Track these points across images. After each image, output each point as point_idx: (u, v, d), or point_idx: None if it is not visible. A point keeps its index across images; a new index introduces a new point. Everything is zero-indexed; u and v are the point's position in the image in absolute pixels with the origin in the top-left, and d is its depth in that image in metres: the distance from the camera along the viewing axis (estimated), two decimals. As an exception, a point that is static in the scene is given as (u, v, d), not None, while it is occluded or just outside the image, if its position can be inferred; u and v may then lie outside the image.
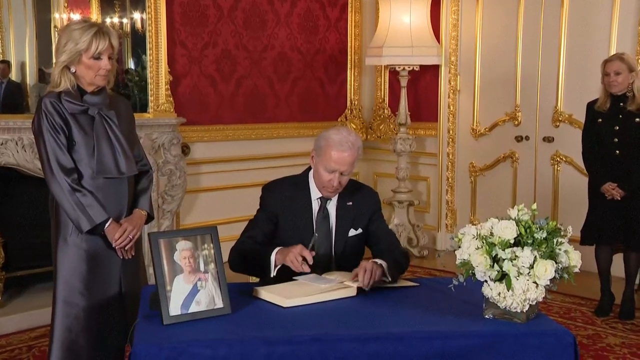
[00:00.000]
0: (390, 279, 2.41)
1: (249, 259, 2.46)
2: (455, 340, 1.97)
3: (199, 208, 5.22)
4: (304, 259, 2.35)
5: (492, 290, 2.03)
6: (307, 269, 2.32)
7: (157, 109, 4.73)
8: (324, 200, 2.62)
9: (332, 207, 2.63)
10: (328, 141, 2.51)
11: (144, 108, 4.70)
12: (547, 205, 5.22)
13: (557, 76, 5.19)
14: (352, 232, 2.63)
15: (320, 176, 2.55)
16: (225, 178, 5.36)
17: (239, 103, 5.45)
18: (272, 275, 2.39)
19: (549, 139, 5.26)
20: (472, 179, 5.80)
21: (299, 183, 2.65)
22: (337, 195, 2.63)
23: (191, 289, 2.08)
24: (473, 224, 2.11)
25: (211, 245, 2.15)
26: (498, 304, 2.04)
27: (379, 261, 2.42)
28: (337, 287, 2.35)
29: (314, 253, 2.38)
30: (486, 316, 2.09)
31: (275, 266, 2.39)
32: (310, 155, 2.61)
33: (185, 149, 5.05)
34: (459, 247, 2.08)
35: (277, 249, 2.40)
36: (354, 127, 6.22)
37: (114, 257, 2.54)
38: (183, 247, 2.10)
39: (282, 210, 2.59)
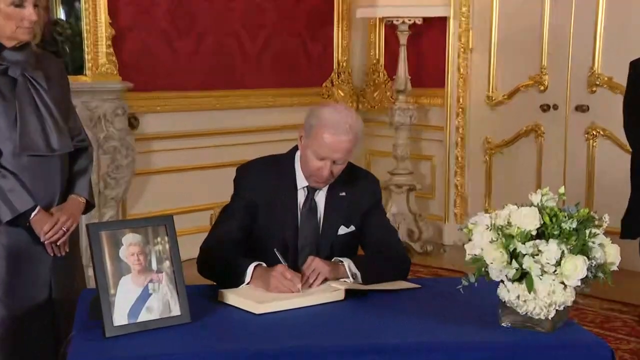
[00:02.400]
0: (352, 280, 2.45)
1: (220, 269, 2.47)
2: (464, 353, 1.99)
3: (151, 194, 5.22)
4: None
5: (510, 293, 2.06)
6: (299, 286, 2.34)
7: (97, 71, 4.70)
8: (311, 190, 2.64)
9: (321, 198, 2.65)
10: (321, 121, 2.51)
11: (79, 70, 4.65)
12: (579, 189, 5.27)
13: (594, 30, 5.20)
14: (342, 230, 2.65)
15: (309, 163, 2.56)
16: (184, 157, 5.36)
17: (200, 65, 5.43)
18: (243, 286, 2.41)
19: (582, 108, 5.31)
20: (486, 158, 5.84)
21: (282, 166, 2.66)
22: (327, 185, 2.64)
23: (141, 293, 2.09)
24: (487, 213, 2.13)
25: (166, 238, 2.15)
26: (517, 310, 2.07)
27: (342, 260, 2.48)
28: (320, 290, 2.37)
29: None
30: (503, 324, 2.12)
31: (248, 282, 2.40)
32: (299, 134, 2.61)
33: (133, 122, 5.03)
34: (469, 240, 2.10)
35: (253, 264, 2.41)
36: (342, 94, 6.23)
37: (43, 255, 2.53)
38: (131, 241, 2.10)
39: (261, 198, 2.61)
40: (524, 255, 2.01)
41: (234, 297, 2.29)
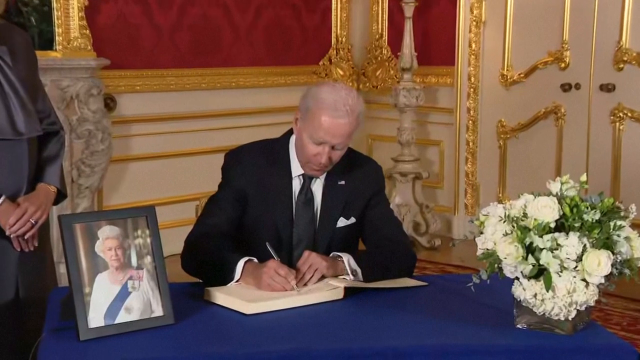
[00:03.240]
0: (352, 277, 2.46)
1: (206, 265, 2.49)
2: (476, 358, 2.01)
3: (130, 183, 5.23)
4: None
5: (526, 291, 2.06)
6: (293, 285, 2.35)
7: (68, 45, 4.68)
8: (307, 179, 2.65)
9: (317, 187, 2.66)
10: (318, 102, 2.52)
11: (48, 44, 4.62)
12: (604, 176, 5.28)
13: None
14: (341, 222, 2.66)
15: (305, 148, 2.56)
16: (166, 142, 5.36)
17: (183, 39, 5.42)
18: (232, 284, 2.42)
19: (608, 87, 5.31)
20: (501, 142, 5.85)
21: (275, 151, 2.67)
22: (325, 173, 2.66)
23: (119, 292, 2.09)
24: (501, 203, 2.14)
25: (147, 231, 2.15)
26: (534, 310, 2.08)
27: (341, 255, 2.50)
28: (316, 288, 2.38)
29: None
30: (518, 326, 2.13)
31: (238, 280, 2.42)
32: (294, 117, 2.62)
33: (109, 103, 5.02)
34: (481, 233, 2.11)
35: (243, 260, 2.42)
36: (341, 73, 6.23)
37: (9, 250, 2.52)
38: (108, 234, 2.10)
39: (251, 188, 2.62)
40: (542, 249, 2.02)
41: (222, 296, 2.30)
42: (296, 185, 2.65)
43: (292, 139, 2.67)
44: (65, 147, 2.74)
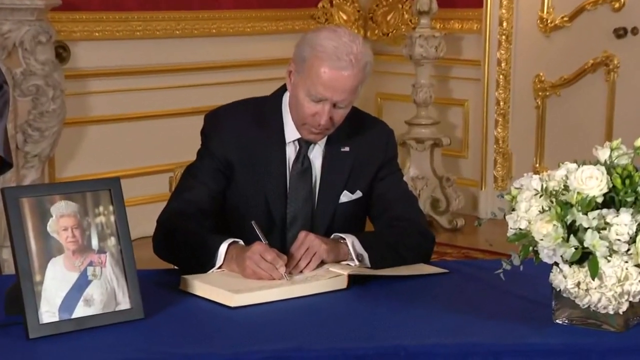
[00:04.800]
0: (358, 263, 2.48)
1: (183, 248, 2.51)
2: (505, 359, 2.01)
3: (88, 151, 5.24)
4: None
5: (567, 280, 2.07)
6: (282, 271, 2.36)
7: (9, -20, 4.66)
8: (304, 145, 2.66)
9: (316, 154, 2.68)
10: (316, 50, 2.51)
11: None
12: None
13: None
14: (345, 197, 2.68)
15: (301, 107, 2.57)
16: (132, 101, 5.36)
17: (152, -26, 5.41)
18: (214, 270, 2.45)
19: (671, 34, 5.32)
20: (538, 102, 5.85)
21: (265, 112, 2.69)
22: (325, 137, 2.67)
23: (77, 281, 2.09)
24: (537, 174, 2.15)
25: (110, 208, 2.16)
26: (577, 301, 2.08)
27: (344, 236, 2.51)
28: (314, 276, 2.40)
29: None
30: (557, 321, 2.14)
31: (221, 266, 2.44)
32: (287, 70, 2.62)
33: (61, 52, 5.01)
34: (512, 209, 2.11)
35: (227, 242, 2.44)
36: (344, 17, 6.21)
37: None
38: (63, 211, 2.10)
39: (237, 156, 2.63)
40: (586, 229, 2.02)
41: (201, 286, 2.32)
42: (290, 152, 2.66)
43: (285, 97, 2.67)
44: (9, 106, 2.73)
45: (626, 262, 2.03)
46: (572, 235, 2.03)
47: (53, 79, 4.79)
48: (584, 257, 2.04)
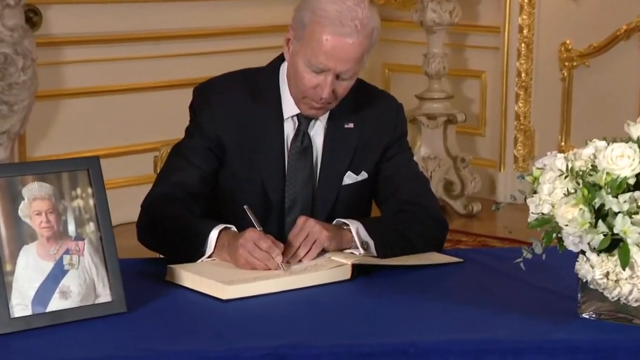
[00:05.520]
0: (363, 251, 2.48)
1: (170, 235, 2.51)
2: (527, 357, 2.01)
3: (63, 127, 5.24)
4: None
5: (595, 270, 2.07)
6: (278, 261, 2.36)
7: None
8: (304, 121, 2.65)
9: (317, 131, 2.68)
10: (318, 15, 2.51)
11: None
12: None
13: None
14: (349, 179, 2.68)
15: (301, 79, 2.56)
16: (112, 72, 5.36)
17: None
18: (204, 259, 2.45)
19: None
20: (564, 73, 5.83)
21: (261, 85, 2.68)
22: (327, 112, 2.66)
23: (52, 270, 2.09)
24: (562, 153, 2.14)
25: (89, 190, 2.15)
26: (605, 294, 2.08)
27: (348, 222, 2.50)
28: (315, 266, 2.40)
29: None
30: (584, 315, 2.14)
31: (211, 254, 2.45)
32: (285, 38, 2.62)
33: (32, 17, 4.98)
34: (534, 192, 2.11)
35: (218, 228, 2.44)
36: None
37: None
38: (36, 193, 2.10)
39: (230, 133, 2.63)
40: (617, 214, 2.01)
41: (190, 276, 2.32)
42: (289, 129, 2.66)
43: (283, 67, 2.67)
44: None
45: (660, 250, 2.04)
46: (600, 221, 2.02)
47: (23, 46, 4.77)
48: (614, 245, 2.03)
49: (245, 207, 2.46)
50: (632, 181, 2.04)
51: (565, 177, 2.07)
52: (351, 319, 2.16)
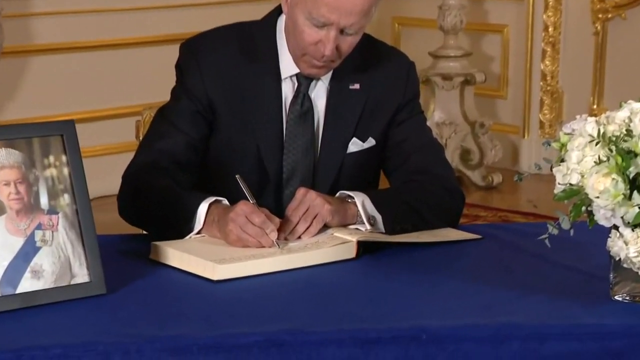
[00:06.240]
0: (369, 227, 2.48)
1: (155, 209, 2.52)
2: (553, 343, 2.01)
3: (33, 88, 5.24)
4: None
5: (629, 247, 2.06)
6: (273, 237, 2.36)
7: None
8: (304, 81, 2.66)
9: (319, 93, 2.69)
10: None
11: None
12: None
13: None
14: (354, 146, 2.70)
15: (301, 34, 2.56)
16: (88, 26, 5.35)
17: None
18: (192, 236, 2.46)
19: None
20: (597, 26, 5.81)
21: (255, 41, 2.69)
22: (330, 72, 2.66)
23: (22, 247, 2.09)
24: (594, 116, 2.14)
25: (63, 158, 2.15)
26: (640, 274, 2.09)
27: (352, 194, 2.51)
28: (315, 243, 2.41)
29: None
30: (616, 297, 2.14)
31: (200, 230, 2.46)
32: None
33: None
34: (561, 160, 2.11)
35: (208, 201, 2.45)
36: None
37: None
38: (3, 161, 2.10)
39: (221, 95, 2.64)
40: (653, 184, 2.02)
41: (177, 255, 2.33)
42: (287, 90, 2.66)
43: (281, 21, 2.67)
44: None
45: (703, 226, 2.04)
46: (635, 192, 2.02)
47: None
48: (650, 219, 2.04)
49: (237, 176, 2.46)
50: (671, 148, 2.04)
51: (597, 143, 2.05)
52: (356, 302, 2.17)
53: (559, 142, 2.13)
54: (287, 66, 2.65)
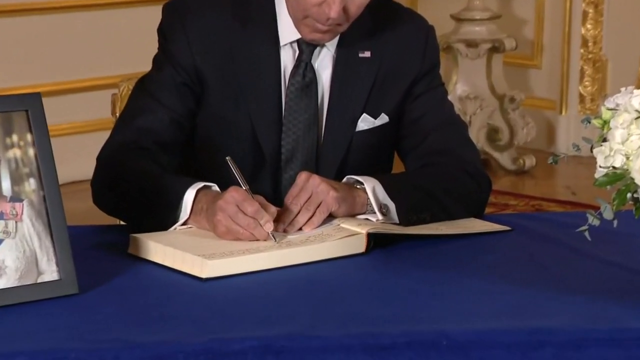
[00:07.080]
0: (381, 217, 2.49)
1: (135, 196, 2.53)
2: (593, 350, 2.02)
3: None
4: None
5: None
6: (268, 229, 2.37)
7: None
8: (306, 48, 2.67)
9: (324, 62, 2.72)
10: None
11: None
12: None
13: None
14: (365, 123, 2.72)
15: None
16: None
17: None
18: (177, 227, 2.48)
19: None
20: (647, -15, 5.82)
21: (251, 3, 2.71)
22: (337, 37, 2.66)
23: (-18, 240, 2.09)
24: (640, 89, 2.14)
25: (28, 137, 2.16)
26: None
27: (362, 180, 2.51)
28: (319, 236, 2.42)
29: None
30: (665, 298, 2.15)
31: (186, 221, 2.48)
32: None
33: None
34: (604, 140, 2.11)
35: (195, 187, 2.46)
36: None
37: None
38: (-40, 141, 2.10)
39: (211, 65, 2.66)
40: None
41: (159, 248, 2.34)
42: (287, 59, 2.67)
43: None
44: None
45: None
46: (689, 177, 2.03)
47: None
48: None
49: (227, 158, 2.45)
50: None
51: (645, 119, 2.07)
52: (366, 303, 2.17)
53: (601, 118, 2.12)
54: (287, 31, 2.65)
